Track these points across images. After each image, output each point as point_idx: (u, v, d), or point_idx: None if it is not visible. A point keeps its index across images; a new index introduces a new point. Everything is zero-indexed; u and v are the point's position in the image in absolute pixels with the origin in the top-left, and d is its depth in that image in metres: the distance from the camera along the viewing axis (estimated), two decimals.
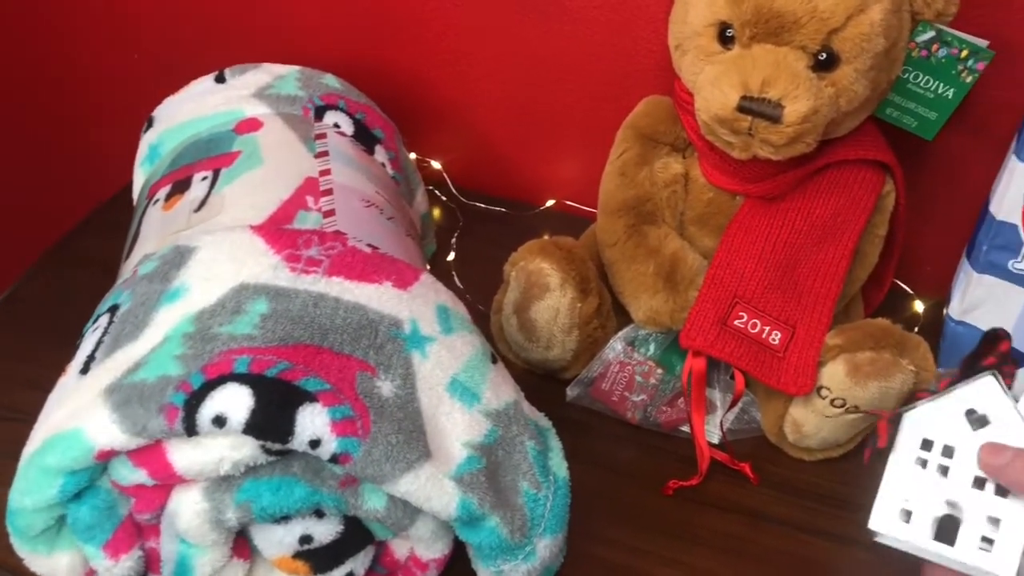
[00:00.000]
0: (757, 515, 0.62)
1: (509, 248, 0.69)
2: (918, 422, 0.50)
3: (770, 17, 0.57)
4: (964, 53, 0.62)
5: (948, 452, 0.49)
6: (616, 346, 0.68)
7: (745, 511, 0.62)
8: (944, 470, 0.48)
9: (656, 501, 0.63)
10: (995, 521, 0.47)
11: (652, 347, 0.68)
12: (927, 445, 0.49)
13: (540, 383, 0.70)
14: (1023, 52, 0.68)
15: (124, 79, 1.02)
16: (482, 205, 0.89)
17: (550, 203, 0.90)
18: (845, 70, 0.58)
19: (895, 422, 0.51)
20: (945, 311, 0.68)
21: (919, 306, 0.78)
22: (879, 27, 0.57)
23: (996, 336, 0.50)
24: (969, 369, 0.50)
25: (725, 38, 0.60)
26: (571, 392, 0.69)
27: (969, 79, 0.63)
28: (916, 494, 0.49)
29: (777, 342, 0.63)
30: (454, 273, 0.80)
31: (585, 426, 0.68)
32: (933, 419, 0.50)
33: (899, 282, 0.79)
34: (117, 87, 1.03)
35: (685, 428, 0.66)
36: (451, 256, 0.83)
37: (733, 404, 0.64)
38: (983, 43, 0.62)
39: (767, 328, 0.63)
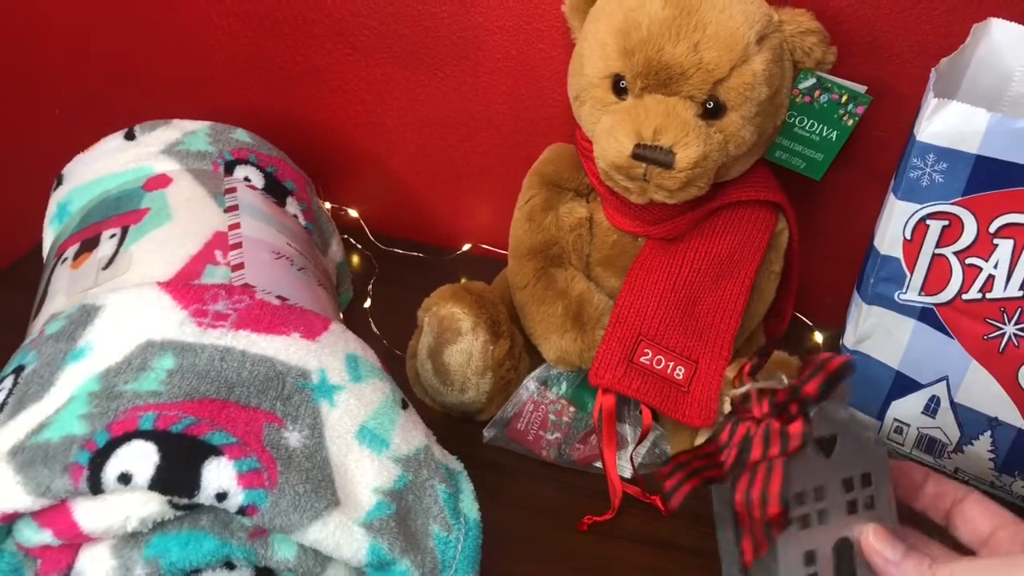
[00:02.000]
0: (670, 546, 0.64)
1: (426, 293, 0.71)
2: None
3: (659, 69, 0.60)
4: (844, 98, 0.66)
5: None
6: (530, 386, 0.70)
7: (658, 543, 0.64)
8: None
9: (572, 537, 0.64)
10: None
11: (564, 386, 0.70)
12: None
13: (457, 425, 0.71)
14: (900, 95, 0.72)
15: (38, 135, 1.02)
16: (399, 251, 0.91)
17: (466, 247, 0.92)
18: (732, 117, 0.62)
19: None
20: (841, 341, 0.71)
21: (818, 337, 0.81)
22: (761, 77, 0.61)
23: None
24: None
25: (619, 89, 0.63)
26: (487, 433, 0.70)
27: (850, 122, 0.67)
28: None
29: (681, 377, 0.65)
30: (371, 319, 0.81)
31: (502, 466, 0.69)
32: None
33: (800, 315, 0.82)
34: (29, 143, 1.03)
35: (599, 464, 0.68)
36: (368, 303, 0.84)
37: (641, 439, 0.66)
38: (861, 88, 0.66)
39: (671, 364, 0.65)
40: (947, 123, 0.57)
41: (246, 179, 0.69)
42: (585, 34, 0.65)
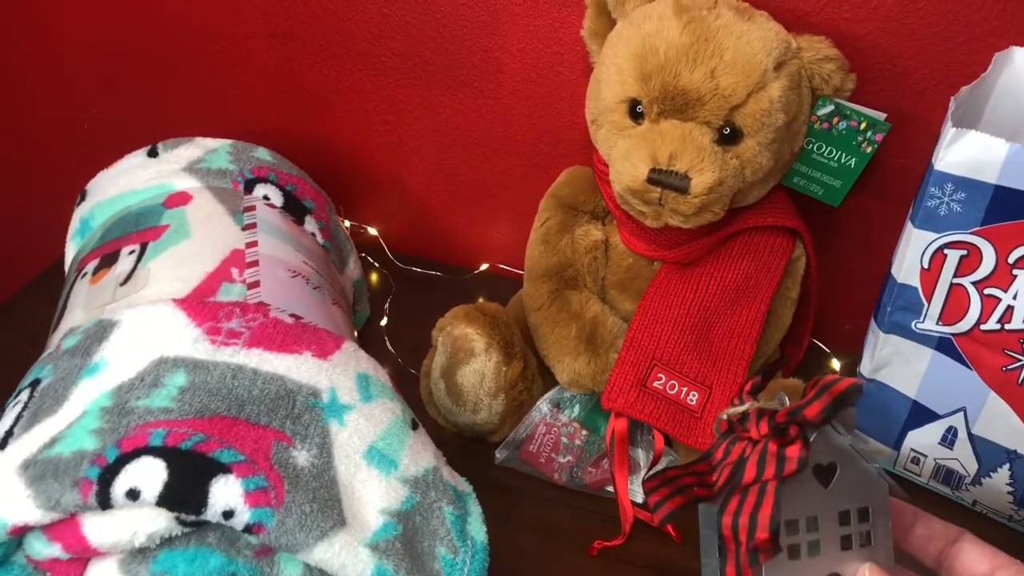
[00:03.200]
0: (680, 572, 0.63)
1: (442, 312, 0.71)
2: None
3: (676, 94, 0.60)
4: (863, 125, 0.65)
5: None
6: (542, 408, 0.70)
7: (668, 569, 0.63)
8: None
9: (582, 562, 0.64)
10: None
11: (577, 409, 0.70)
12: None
13: (469, 446, 0.71)
14: (920, 123, 0.72)
15: (68, 150, 1.03)
16: (418, 270, 0.91)
17: (484, 267, 0.92)
18: (748, 143, 0.61)
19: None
20: (858, 369, 0.70)
21: (836, 364, 0.80)
22: (778, 103, 0.61)
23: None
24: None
25: (636, 114, 0.63)
26: (500, 454, 0.70)
27: (869, 149, 0.66)
28: None
29: (695, 403, 0.65)
30: (386, 338, 0.82)
31: (513, 488, 0.69)
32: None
33: (817, 341, 0.82)
34: (59, 158, 1.04)
35: (611, 488, 0.68)
36: (384, 321, 0.84)
37: (653, 463, 0.66)
38: (881, 116, 0.65)
39: (685, 389, 0.65)
40: (965, 152, 0.57)
41: (265, 197, 0.70)
42: (603, 59, 0.66)
